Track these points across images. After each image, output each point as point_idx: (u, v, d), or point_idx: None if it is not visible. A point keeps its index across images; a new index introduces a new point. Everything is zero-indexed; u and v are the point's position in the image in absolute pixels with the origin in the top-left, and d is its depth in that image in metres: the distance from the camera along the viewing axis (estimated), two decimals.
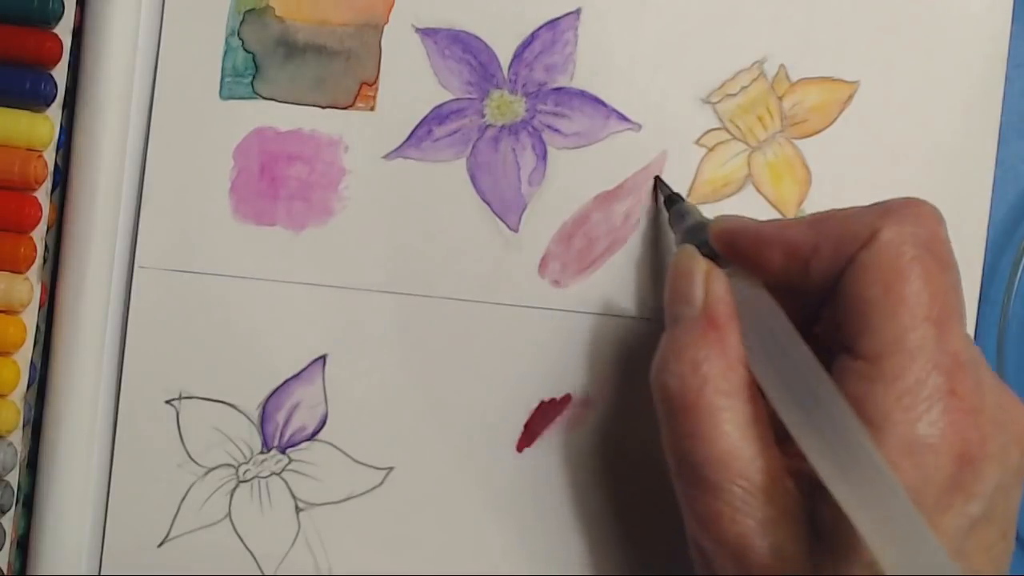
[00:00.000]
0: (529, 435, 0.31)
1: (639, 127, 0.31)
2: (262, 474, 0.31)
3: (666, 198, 0.30)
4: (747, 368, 0.24)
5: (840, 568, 0.22)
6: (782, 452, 0.24)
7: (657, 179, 0.31)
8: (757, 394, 0.24)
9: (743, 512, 0.23)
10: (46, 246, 0.30)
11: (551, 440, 0.31)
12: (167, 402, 0.31)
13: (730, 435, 0.23)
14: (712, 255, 0.27)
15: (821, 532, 0.23)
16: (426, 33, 0.31)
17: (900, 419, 0.22)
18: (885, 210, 0.24)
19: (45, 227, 0.30)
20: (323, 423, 0.31)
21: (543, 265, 0.31)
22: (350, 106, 0.31)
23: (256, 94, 0.31)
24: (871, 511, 0.20)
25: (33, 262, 0.30)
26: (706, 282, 0.25)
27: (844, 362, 0.23)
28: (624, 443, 0.31)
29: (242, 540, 0.31)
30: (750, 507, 0.23)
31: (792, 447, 0.23)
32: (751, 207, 0.31)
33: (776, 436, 0.24)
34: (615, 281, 0.31)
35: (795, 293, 0.25)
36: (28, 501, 0.31)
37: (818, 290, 0.24)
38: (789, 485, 0.23)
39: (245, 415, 0.31)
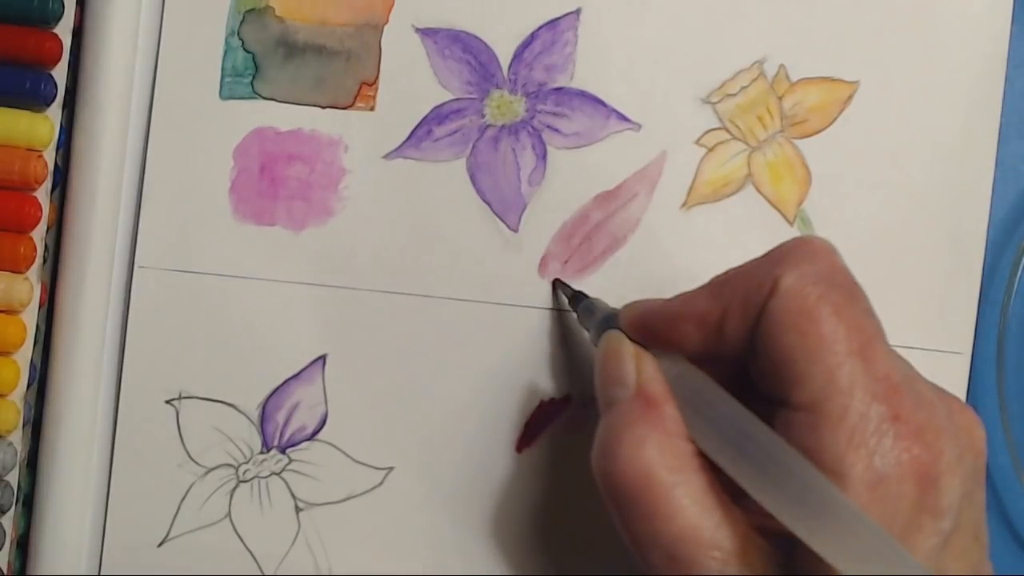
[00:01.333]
0: (529, 435, 0.31)
1: (639, 127, 0.31)
2: (262, 474, 0.31)
3: (569, 298, 0.30)
4: (690, 442, 0.24)
5: None
6: (745, 512, 0.23)
7: (556, 281, 0.31)
8: (704, 463, 0.24)
9: None
10: (46, 246, 0.30)
11: (551, 440, 0.31)
12: (167, 402, 0.31)
13: (689, 509, 0.23)
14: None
15: None
16: (426, 33, 0.31)
17: (854, 460, 0.21)
18: (779, 256, 0.24)
19: (45, 227, 0.30)
20: (323, 423, 0.31)
21: (543, 265, 0.31)
22: (350, 106, 0.31)
23: (256, 94, 0.31)
24: (849, 551, 0.20)
25: (33, 262, 0.30)
26: (636, 363, 0.25)
27: (784, 416, 0.23)
28: None
29: (242, 540, 0.31)
30: (729, 574, 0.22)
31: (752, 504, 0.23)
32: (751, 207, 0.31)
33: (732, 497, 0.24)
34: (615, 281, 0.31)
35: (719, 360, 0.25)
36: (28, 501, 0.31)
37: (738, 352, 0.24)
38: (760, 543, 0.23)
39: (245, 415, 0.31)
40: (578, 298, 0.30)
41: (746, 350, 0.24)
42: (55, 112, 0.30)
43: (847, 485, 0.21)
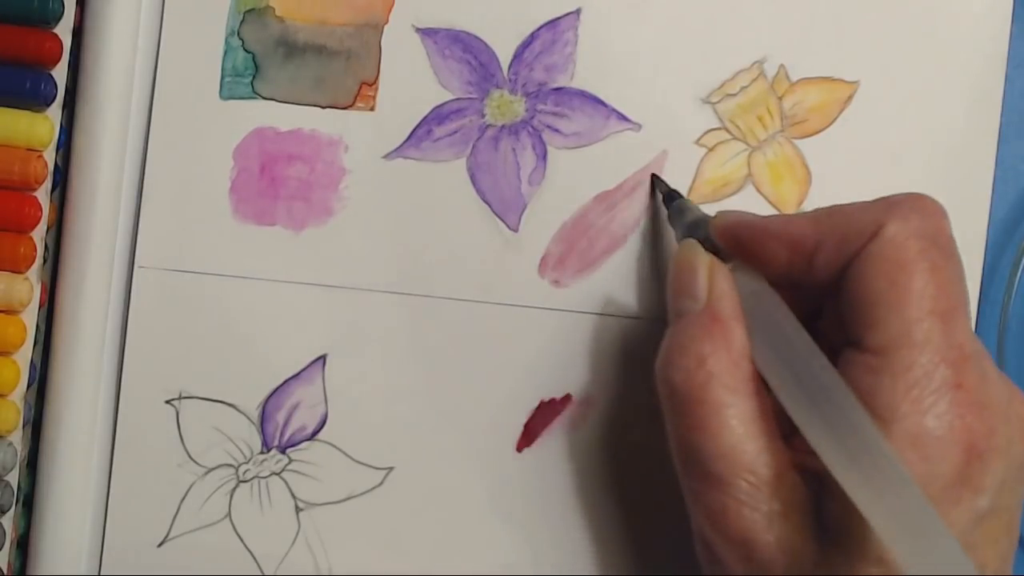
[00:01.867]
0: (529, 435, 0.31)
1: (639, 127, 0.31)
2: (262, 474, 0.31)
3: (664, 195, 0.30)
4: (752, 363, 0.24)
5: (848, 562, 0.22)
6: (788, 447, 0.24)
7: (654, 177, 0.31)
8: (762, 389, 0.24)
9: (749, 506, 0.23)
10: (46, 246, 0.30)
11: (551, 440, 0.31)
12: (167, 402, 0.31)
13: (735, 430, 0.23)
14: (714, 250, 0.26)
15: (828, 527, 0.23)
16: (426, 33, 0.31)
17: (908, 412, 0.22)
18: (889, 204, 0.24)
19: (45, 227, 0.30)
20: (323, 423, 0.31)
21: (543, 265, 0.31)
22: (350, 106, 0.31)
23: (256, 94, 0.31)
24: (882, 503, 0.20)
25: (33, 262, 0.30)
26: (709, 277, 0.25)
27: (850, 356, 0.23)
28: (624, 443, 0.31)
29: (242, 540, 0.31)
30: (756, 501, 0.23)
31: (798, 442, 0.23)
32: (751, 207, 0.31)
33: (782, 431, 0.24)
34: (615, 281, 0.31)
35: (799, 288, 0.25)
36: (28, 501, 0.31)
37: (822, 285, 0.24)
38: (796, 480, 0.23)
39: (245, 415, 0.31)
40: (672, 196, 0.30)
41: (827, 286, 0.24)
42: (55, 112, 0.30)
43: (892, 434, 0.22)
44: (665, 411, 0.25)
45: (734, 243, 0.26)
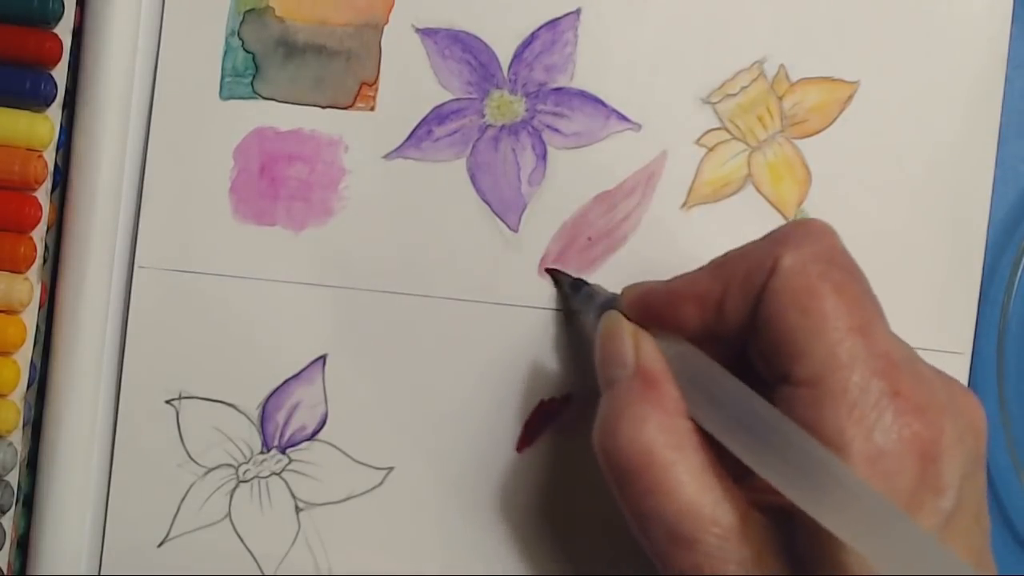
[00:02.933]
0: (529, 435, 0.31)
1: (639, 127, 0.31)
2: (262, 474, 0.31)
3: (569, 285, 0.30)
4: (688, 419, 0.24)
5: None
6: (743, 488, 0.24)
7: (553, 272, 0.31)
8: (704, 441, 0.24)
9: (721, 559, 0.23)
10: (46, 246, 0.30)
11: (551, 440, 0.31)
12: (167, 402, 0.31)
13: (689, 485, 0.23)
14: None
15: (803, 557, 0.23)
16: (426, 33, 0.31)
17: (854, 433, 0.22)
18: (780, 237, 0.24)
19: (45, 227, 0.30)
20: (323, 423, 0.31)
21: (543, 265, 0.31)
22: (350, 106, 0.31)
23: (256, 94, 0.31)
24: (853, 521, 0.20)
25: (33, 262, 0.30)
26: (635, 342, 0.25)
27: (784, 392, 0.23)
28: None
29: (242, 540, 0.31)
30: (727, 552, 0.23)
31: (753, 482, 0.23)
32: (751, 207, 0.31)
33: (733, 475, 0.24)
34: (615, 281, 0.31)
35: (718, 341, 0.25)
36: (28, 501, 0.31)
37: (738, 331, 0.24)
38: (759, 519, 0.23)
39: (245, 415, 0.31)
40: (577, 285, 0.30)
41: (745, 330, 0.24)
42: (55, 112, 0.30)
43: (847, 459, 0.21)
44: (612, 484, 0.24)
45: (646, 313, 0.26)
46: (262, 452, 0.31)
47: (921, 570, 0.19)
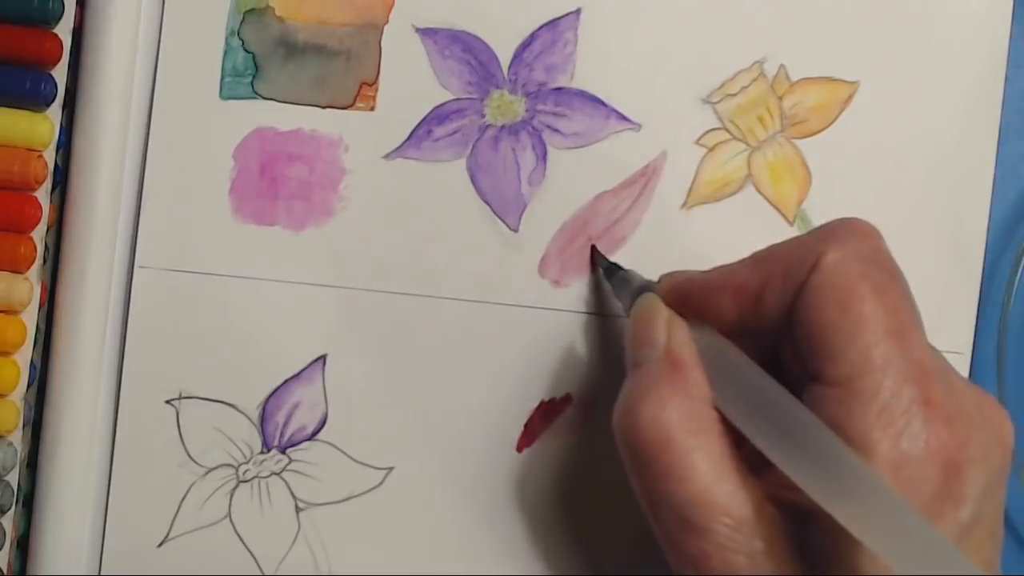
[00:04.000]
0: (529, 435, 0.31)
1: (639, 127, 0.31)
2: (262, 474, 0.31)
3: (605, 269, 0.30)
4: (713, 407, 0.24)
5: None
6: (760, 482, 0.23)
7: (593, 249, 0.31)
8: (725, 430, 0.24)
9: (731, 549, 0.22)
10: (46, 246, 0.30)
11: (551, 440, 0.31)
12: (167, 402, 0.31)
13: (705, 473, 0.23)
14: None
15: (816, 555, 0.23)
16: (426, 33, 0.31)
17: (881, 437, 0.22)
18: (824, 234, 0.24)
19: (45, 227, 0.30)
20: (323, 423, 0.31)
21: (543, 265, 0.31)
22: (350, 106, 0.31)
23: (256, 94, 0.31)
24: (874, 523, 0.20)
25: (33, 262, 0.30)
26: (668, 327, 0.25)
27: (814, 391, 0.23)
28: None
29: (242, 540, 0.31)
30: (737, 543, 0.22)
31: (769, 476, 0.23)
32: (751, 207, 0.31)
33: (751, 467, 0.24)
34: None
35: (752, 335, 0.25)
36: (28, 501, 0.31)
37: (773, 327, 0.24)
38: (773, 514, 0.23)
39: (245, 415, 0.31)
40: (613, 269, 0.30)
41: (780, 325, 0.24)
42: (55, 112, 0.30)
43: (872, 462, 0.21)
44: (628, 464, 0.24)
45: (681, 302, 0.26)
46: (262, 452, 0.31)
47: (939, 571, 0.19)
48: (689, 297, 0.26)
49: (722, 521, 0.23)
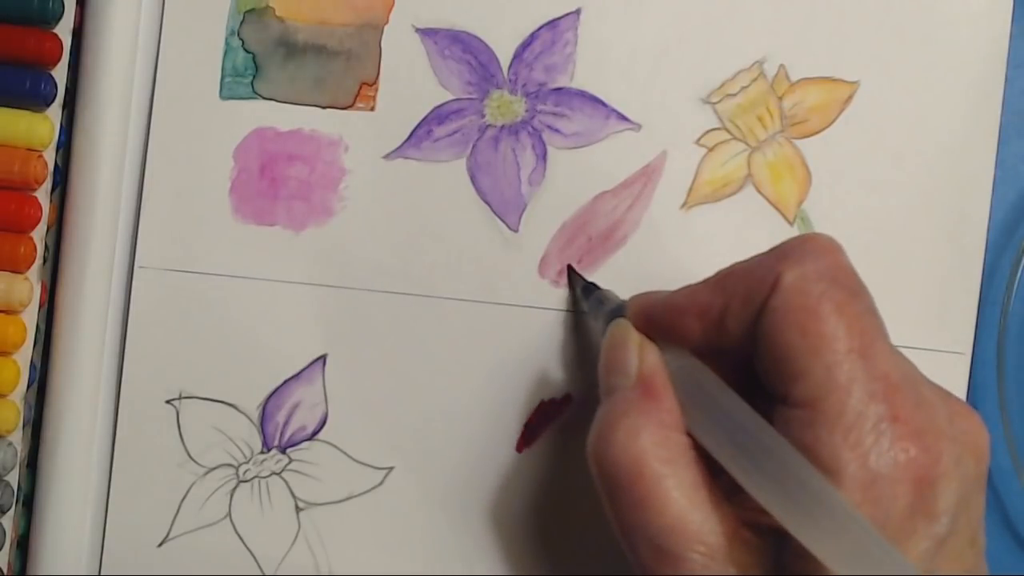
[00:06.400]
0: (529, 435, 0.31)
1: (639, 127, 0.31)
2: (262, 474, 0.31)
3: (582, 288, 0.30)
4: (685, 434, 0.24)
5: None
6: (734, 507, 0.23)
7: (570, 268, 0.31)
8: (698, 457, 0.24)
9: None
10: (46, 246, 0.30)
11: (551, 440, 0.31)
12: (167, 402, 0.31)
13: (678, 501, 0.23)
14: None
15: None
16: (426, 33, 0.31)
17: (850, 458, 0.21)
18: (781, 253, 0.24)
19: (45, 227, 0.30)
20: (323, 423, 0.31)
21: (543, 265, 0.31)
22: (350, 106, 0.31)
23: (256, 94, 0.31)
24: (841, 549, 0.20)
25: (33, 262, 0.30)
26: (639, 352, 0.25)
27: (782, 412, 0.23)
28: None
29: (242, 540, 0.31)
30: (712, 570, 0.22)
31: (742, 501, 0.23)
32: (751, 207, 0.31)
33: (724, 492, 0.23)
34: (615, 281, 0.31)
35: (721, 355, 0.25)
36: (28, 501, 0.31)
37: (739, 347, 0.24)
38: (748, 538, 0.23)
39: (245, 415, 0.31)
40: (589, 289, 0.30)
41: (747, 345, 0.24)
42: (55, 112, 0.30)
43: (841, 483, 0.21)
44: (602, 493, 0.24)
45: (650, 324, 0.26)
46: (262, 452, 0.31)
47: None
48: (656, 320, 0.26)
49: (696, 549, 0.22)
